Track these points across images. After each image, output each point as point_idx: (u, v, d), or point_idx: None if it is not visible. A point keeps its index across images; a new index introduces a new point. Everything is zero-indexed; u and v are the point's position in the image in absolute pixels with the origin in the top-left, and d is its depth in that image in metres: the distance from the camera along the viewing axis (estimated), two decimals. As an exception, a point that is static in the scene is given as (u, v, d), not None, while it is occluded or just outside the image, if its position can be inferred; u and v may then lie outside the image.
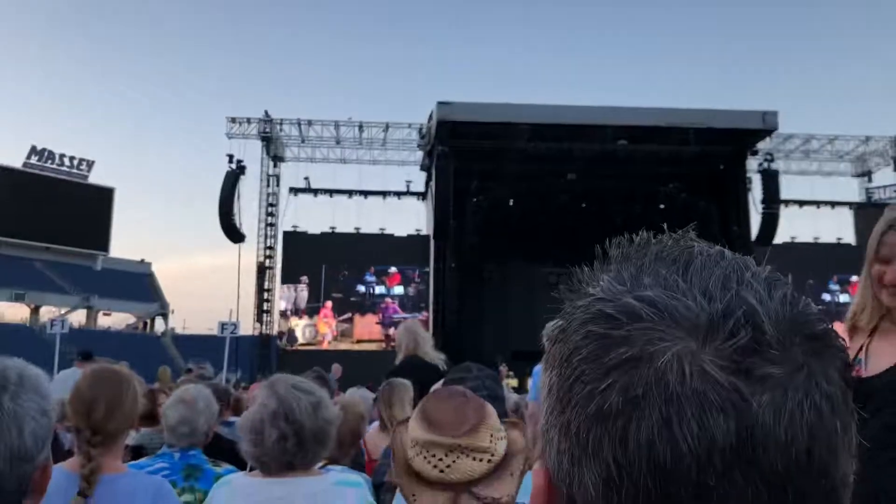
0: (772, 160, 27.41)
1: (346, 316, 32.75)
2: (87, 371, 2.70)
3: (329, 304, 32.77)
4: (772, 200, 26.46)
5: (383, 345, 30.47)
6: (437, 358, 5.27)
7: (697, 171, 27.44)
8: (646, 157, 26.19)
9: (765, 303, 0.49)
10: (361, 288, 32.48)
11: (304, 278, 30.96)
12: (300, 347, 30.33)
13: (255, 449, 2.46)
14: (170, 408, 3.44)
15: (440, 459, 1.63)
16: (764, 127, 25.75)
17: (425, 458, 1.64)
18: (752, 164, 27.70)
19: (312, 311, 32.39)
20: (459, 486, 1.60)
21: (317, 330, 32.45)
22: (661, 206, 27.62)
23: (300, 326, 31.89)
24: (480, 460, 1.62)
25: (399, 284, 31.97)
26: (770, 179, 26.66)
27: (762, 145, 27.56)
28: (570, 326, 0.53)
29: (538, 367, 5.31)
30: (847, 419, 0.50)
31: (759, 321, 0.48)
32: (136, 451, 3.96)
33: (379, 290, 32.75)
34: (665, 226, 0.60)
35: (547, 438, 0.53)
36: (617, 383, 0.47)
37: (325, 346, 31.06)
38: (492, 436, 1.65)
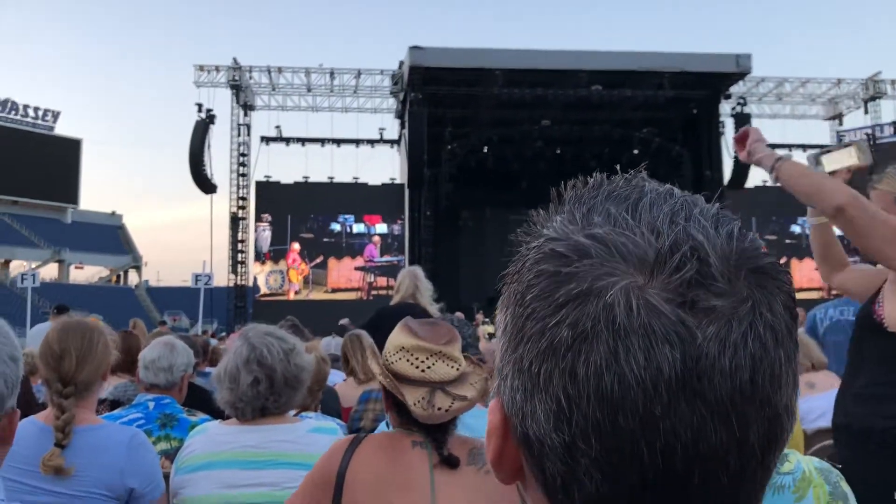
0: (744, 104, 27.47)
1: (318, 260, 29.92)
2: (55, 324, 2.68)
3: (296, 246, 29.81)
4: (744, 144, 26.53)
5: (362, 294, 29.10)
6: (434, 309, 5.16)
7: (671, 115, 27.47)
8: (620, 102, 26.10)
9: (711, 238, 0.50)
10: (336, 227, 29.76)
11: (267, 216, 29.08)
12: (263, 298, 28.74)
13: (229, 395, 2.50)
14: (148, 349, 3.47)
15: (422, 361, 1.97)
16: (738, 70, 25.73)
17: (409, 360, 1.98)
18: (726, 108, 27.75)
19: (278, 254, 30.12)
20: (435, 385, 1.95)
21: (285, 277, 29.66)
22: (636, 152, 27.67)
23: (263, 273, 29.73)
24: (452, 367, 1.99)
25: (382, 223, 29.76)
26: (743, 123, 26.64)
27: (735, 89, 27.57)
28: (523, 267, 0.55)
29: None
30: (791, 350, 0.51)
31: (705, 255, 0.49)
32: (113, 405, 3.95)
33: (358, 228, 30.02)
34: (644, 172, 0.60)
35: (501, 376, 0.55)
36: (567, 319, 0.49)
37: (290, 296, 28.92)
38: (459, 351, 2.04)
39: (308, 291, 29.72)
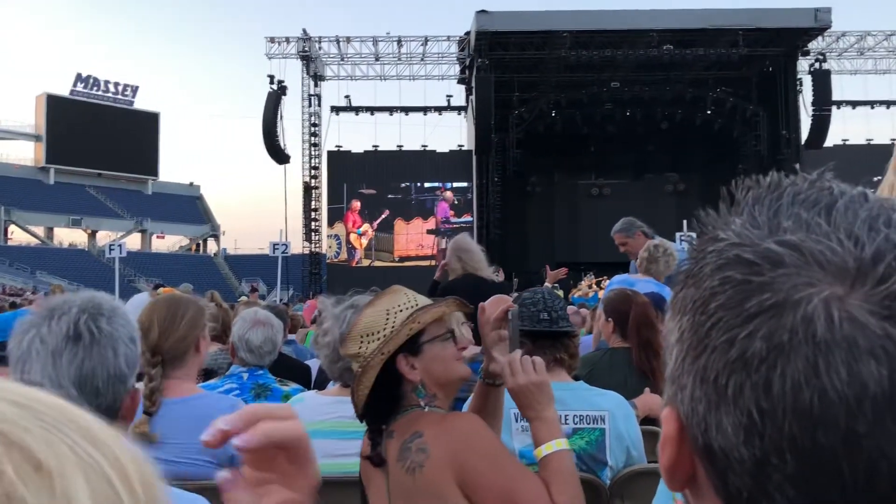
0: (823, 60, 26.40)
1: (383, 217, 28.14)
2: (153, 299, 2.83)
3: (356, 204, 28.16)
4: (823, 102, 25.61)
5: (437, 262, 28.07)
6: (489, 273, 4.96)
7: (746, 74, 26.66)
8: (692, 62, 25.47)
9: None
10: (404, 183, 28.15)
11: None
12: (337, 262, 28.33)
13: (329, 362, 2.61)
14: (249, 331, 3.51)
15: None
16: (816, 25, 24.75)
17: None
18: (803, 64, 26.76)
19: (333, 215, 28.57)
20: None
21: (346, 243, 27.79)
22: (709, 112, 27.01)
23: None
24: (356, 363, 1.90)
25: (458, 182, 28.40)
26: (821, 80, 25.73)
27: (813, 45, 26.54)
28: (701, 272, 0.52)
29: (612, 280, 5.19)
30: None
31: None
32: (207, 374, 4.09)
33: (430, 183, 28.16)
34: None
35: (678, 385, 0.54)
36: (760, 330, 0.47)
37: (353, 265, 28.02)
38: (361, 341, 1.89)
39: (370, 262, 28.57)
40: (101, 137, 56.57)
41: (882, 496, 0.45)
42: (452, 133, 31.24)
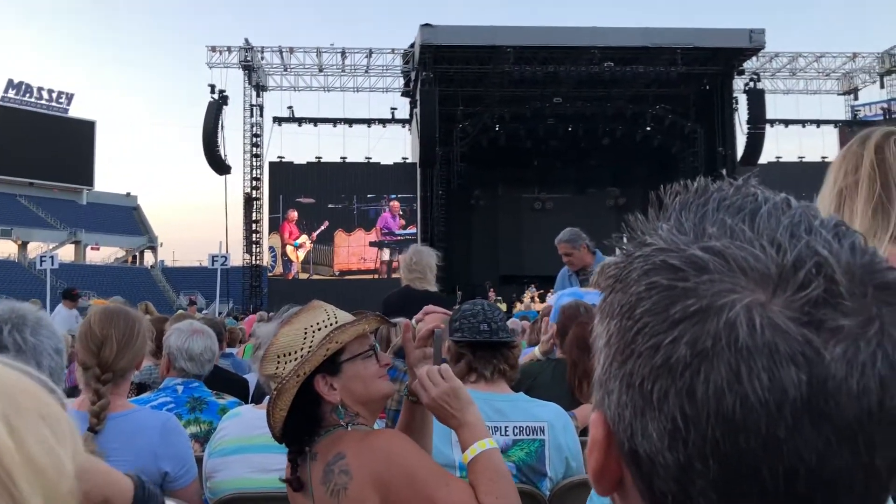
0: (758, 79, 27.26)
1: (323, 228, 27.51)
2: (98, 309, 2.67)
3: (294, 214, 27.55)
4: (757, 120, 26.43)
5: (380, 276, 27.39)
6: (432, 287, 5.11)
7: (684, 91, 27.31)
8: (632, 79, 25.98)
9: (835, 252, 0.48)
10: (345, 194, 27.66)
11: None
12: (273, 276, 27.99)
13: (268, 380, 2.54)
14: (189, 339, 3.48)
15: None
16: (751, 45, 25.57)
17: None
18: (739, 83, 27.57)
19: (272, 226, 27.92)
20: None
21: (281, 255, 27.25)
22: (648, 129, 27.59)
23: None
24: (274, 383, 1.84)
25: (403, 193, 28.02)
26: (756, 99, 26.56)
27: (748, 64, 27.39)
28: (629, 276, 0.53)
29: (562, 292, 5.21)
30: None
31: (831, 272, 0.47)
32: (140, 388, 3.99)
33: (372, 194, 27.83)
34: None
35: (606, 390, 0.54)
36: (684, 336, 0.47)
37: (289, 278, 27.58)
38: (278, 361, 1.85)
39: (308, 276, 28.00)
40: (33, 146, 54.83)
41: (800, 499, 0.46)
42: (397, 145, 31.27)
